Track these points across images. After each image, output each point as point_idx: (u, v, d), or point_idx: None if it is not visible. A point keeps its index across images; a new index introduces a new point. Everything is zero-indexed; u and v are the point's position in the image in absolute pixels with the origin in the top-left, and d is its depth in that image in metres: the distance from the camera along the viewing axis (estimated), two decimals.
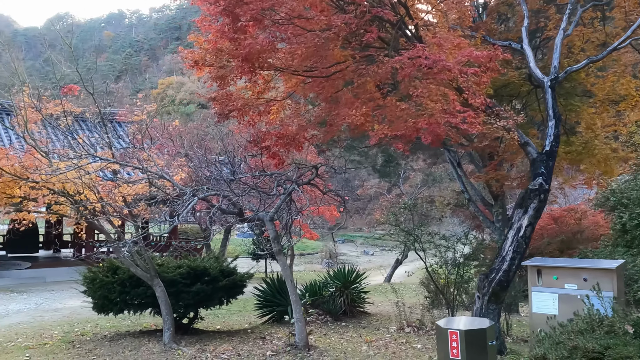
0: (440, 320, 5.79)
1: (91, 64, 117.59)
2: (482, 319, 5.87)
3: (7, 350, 8.24)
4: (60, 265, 22.65)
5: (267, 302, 10.66)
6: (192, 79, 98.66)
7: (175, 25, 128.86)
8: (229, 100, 7.42)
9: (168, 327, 7.58)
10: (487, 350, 5.31)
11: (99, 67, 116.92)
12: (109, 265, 8.88)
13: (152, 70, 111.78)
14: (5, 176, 7.11)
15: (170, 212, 7.89)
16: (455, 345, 5.29)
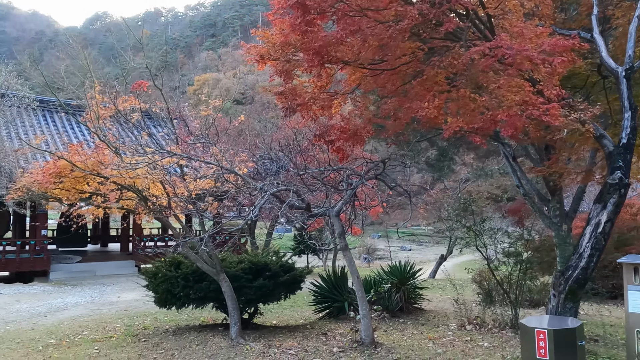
0: (524, 318, 5.61)
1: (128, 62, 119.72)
2: (569, 318, 5.66)
3: (76, 343, 8.39)
4: (108, 259, 23.15)
5: (324, 298, 10.60)
6: (227, 75, 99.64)
7: (210, 23, 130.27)
8: (295, 94, 7.35)
9: (235, 322, 7.58)
10: (577, 351, 5.11)
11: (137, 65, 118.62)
12: (171, 260, 8.95)
13: (187, 67, 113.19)
14: (77, 171, 7.21)
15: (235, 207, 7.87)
16: (543, 345, 5.11)
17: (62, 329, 9.69)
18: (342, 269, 10.92)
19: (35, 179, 7.00)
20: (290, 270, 9.12)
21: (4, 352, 7.84)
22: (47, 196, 7.79)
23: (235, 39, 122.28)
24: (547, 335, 5.07)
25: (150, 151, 6.53)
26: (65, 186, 7.30)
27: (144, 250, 22.18)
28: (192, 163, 7.34)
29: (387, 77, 7.42)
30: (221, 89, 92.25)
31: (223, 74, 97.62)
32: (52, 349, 7.96)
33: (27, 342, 8.53)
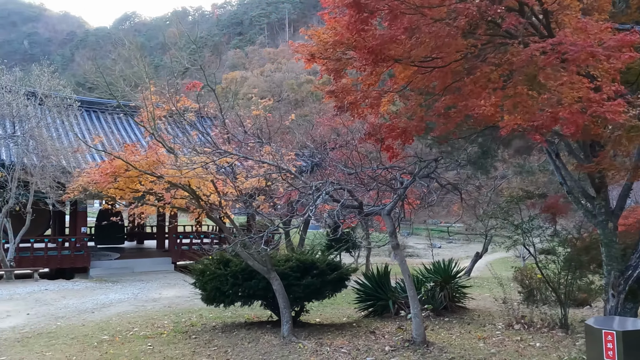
0: (589, 319, 5.52)
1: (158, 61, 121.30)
2: (637, 320, 5.55)
3: (128, 339, 8.55)
4: (145, 257, 23.53)
5: (368, 296, 10.60)
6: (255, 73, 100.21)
7: (237, 21, 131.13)
8: (346, 93, 7.34)
9: (287, 320, 7.63)
10: None
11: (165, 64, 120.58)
12: (220, 258, 9.04)
13: (215, 65, 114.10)
14: (131, 171, 7.34)
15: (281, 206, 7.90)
16: (611, 346, 5.02)
17: (112, 325, 9.89)
18: (385, 267, 10.89)
19: (93, 178, 7.14)
20: (337, 269, 9.15)
21: (61, 348, 8.04)
22: (102, 195, 7.94)
23: (262, 37, 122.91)
24: (615, 336, 4.98)
25: (207, 151, 6.60)
26: (120, 185, 7.43)
27: (180, 247, 22.52)
28: (244, 162, 7.39)
29: (438, 75, 7.36)
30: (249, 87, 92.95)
31: (250, 72, 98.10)
32: (107, 345, 8.13)
33: (81, 338, 8.73)
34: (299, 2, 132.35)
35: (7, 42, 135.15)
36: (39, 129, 16.47)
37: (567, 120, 5.80)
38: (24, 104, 16.15)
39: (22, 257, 18.46)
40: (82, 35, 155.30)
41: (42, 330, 9.65)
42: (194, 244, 23.18)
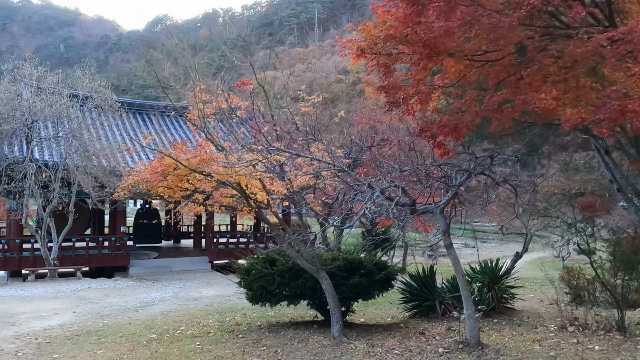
0: None
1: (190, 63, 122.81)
2: None
3: (176, 338, 8.56)
4: (182, 256, 23.74)
5: (413, 296, 10.40)
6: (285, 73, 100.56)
7: (267, 22, 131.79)
8: (397, 88, 7.18)
9: (337, 321, 7.51)
10: None
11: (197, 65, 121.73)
12: (265, 257, 8.97)
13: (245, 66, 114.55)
14: (180, 170, 7.32)
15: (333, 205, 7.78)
16: None
17: (158, 324, 9.93)
18: (430, 267, 10.68)
19: (144, 177, 7.15)
20: (384, 268, 8.99)
21: (111, 346, 8.08)
22: (151, 194, 7.96)
23: (292, 37, 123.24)
24: None
25: (258, 149, 6.52)
26: (169, 184, 7.42)
27: (217, 246, 22.65)
28: (293, 160, 7.30)
29: (491, 68, 7.14)
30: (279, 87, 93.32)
31: (280, 72, 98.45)
32: (156, 344, 8.14)
33: (130, 337, 8.77)
34: (328, 2, 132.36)
35: (44, 46, 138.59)
36: (81, 129, 16.72)
37: (636, 113, 5.52)
38: (67, 105, 16.43)
39: (64, 255, 18.81)
40: (115, 39, 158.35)
41: (89, 328, 9.75)
42: (231, 243, 23.33)
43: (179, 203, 9.13)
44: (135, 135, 22.35)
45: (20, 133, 16.64)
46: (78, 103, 17.36)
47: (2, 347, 8.11)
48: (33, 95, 16.37)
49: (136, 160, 20.35)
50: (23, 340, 8.64)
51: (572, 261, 28.05)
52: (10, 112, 16.27)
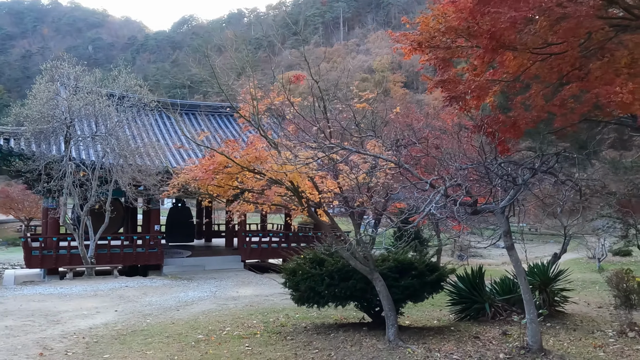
0: None
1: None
2: None
3: (224, 339, 8.42)
4: (215, 254, 23.74)
5: (462, 299, 10.10)
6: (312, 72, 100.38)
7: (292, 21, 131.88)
8: (458, 83, 6.91)
9: (392, 324, 7.27)
10: None
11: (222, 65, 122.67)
12: (313, 257, 8.78)
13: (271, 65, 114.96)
14: (231, 168, 7.16)
15: None
16: None
17: (202, 324, 9.81)
18: (479, 269, 10.37)
19: (196, 174, 7.01)
20: (436, 270, 8.72)
21: (159, 347, 7.97)
22: (200, 193, 7.83)
23: (317, 36, 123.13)
24: None
25: (315, 146, 6.32)
26: (219, 182, 7.27)
27: (250, 245, 22.58)
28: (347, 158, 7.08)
29: (555, 62, 6.83)
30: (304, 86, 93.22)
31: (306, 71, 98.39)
32: (205, 345, 8.01)
33: (176, 337, 8.66)
34: (353, 1, 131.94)
35: (74, 47, 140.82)
36: (120, 128, 16.77)
37: None
38: (105, 103, 16.49)
39: (99, 254, 18.90)
40: (142, 40, 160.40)
41: (134, 327, 9.68)
42: (263, 243, 23.24)
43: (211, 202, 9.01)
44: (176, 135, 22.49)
45: (59, 132, 16.77)
46: (115, 102, 17.41)
47: (51, 346, 8.07)
48: (71, 95, 16.47)
49: (178, 159, 20.42)
50: (71, 339, 8.60)
51: (607, 262, 27.32)
52: (49, 111, 16.40)
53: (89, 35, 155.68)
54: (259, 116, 6.91)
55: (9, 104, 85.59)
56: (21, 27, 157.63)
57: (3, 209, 44.92)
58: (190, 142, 19.33)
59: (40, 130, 16.65)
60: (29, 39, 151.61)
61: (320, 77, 7.90)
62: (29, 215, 43.87)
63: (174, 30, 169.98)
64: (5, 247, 41.58)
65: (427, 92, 7.84)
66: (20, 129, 17.32)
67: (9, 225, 49.56)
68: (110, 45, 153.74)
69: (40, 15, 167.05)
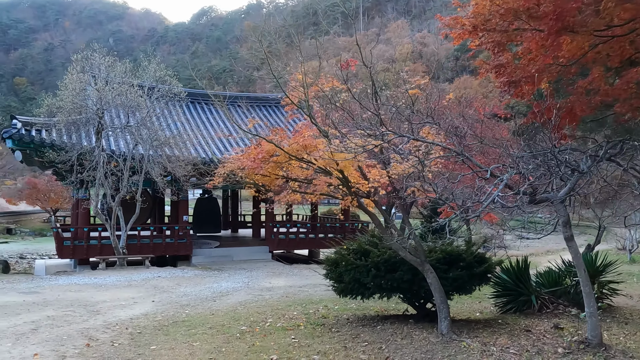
0: None
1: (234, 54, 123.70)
2: None
3: (268, 331, 8.30)
4: (242, 245, 23.73)
5: (507, 291, 9.85)
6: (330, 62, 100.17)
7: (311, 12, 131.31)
8: (516, 68, 6.66)
9: (445, 316, 7.07)
10: None
11: (242, 57, 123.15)
12: (357, 248, 8.59)
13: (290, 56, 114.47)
14: (278, 157, 7.00)
15: None
16: None
17: (242, 315, 9.72)
18: (525, 260, 10.09)
19: (244, 164, 6.86)
20: (484, 261, 8.49)
21: (204, 338, 7.88)
22: (245, 182, 7.68)
23: (337, 26, 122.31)
24: None
25: (368, 133, 6.11)
26: (265, 172, 7.12)
27: (277, 236, 22.50)
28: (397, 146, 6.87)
29: (617, 45, 6.53)
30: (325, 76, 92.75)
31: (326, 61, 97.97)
32: (250, 337, 7.90)
33: (219, 328, 8.57)
34: None
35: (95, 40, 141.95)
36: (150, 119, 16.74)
37: None
38: (137, 94, 16.46)
39: (129, 244, 18.96)
40: (162, 32, 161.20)
41: (174, 318, 9.62)
42: (291, 233, 23.16)
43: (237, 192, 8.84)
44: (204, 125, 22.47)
45: (91, 123, 16.79)
46: (145, 92, 17.38)
47: (96, 336, 8.03)
48: (103, 85, 16.46)
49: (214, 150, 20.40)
50: (114, 329, 8.56)
51: (637, 254, 26.75)
52: (80, 102, 16.42)
53: (109, 28, 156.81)
54: (309, 103, 6.72)
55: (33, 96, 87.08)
56: (43, 20, 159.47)
57: (30, 199, 45.61)
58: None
59: (72, 121, 16.69)
60: (51, 32, 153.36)
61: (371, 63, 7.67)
62: (55, 206, 44.48)
63: (193, 22, 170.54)
64: (32, 237, 42.18)
65: (479, 77, 7.55)
66: (51, 120, 17.39)
67: (36, 216, 50.29)
68: (130, 38, 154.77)
69: (62, 8, 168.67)
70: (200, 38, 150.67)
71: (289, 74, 7.82)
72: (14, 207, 50.17)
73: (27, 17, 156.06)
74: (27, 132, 17.01)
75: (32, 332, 8.34)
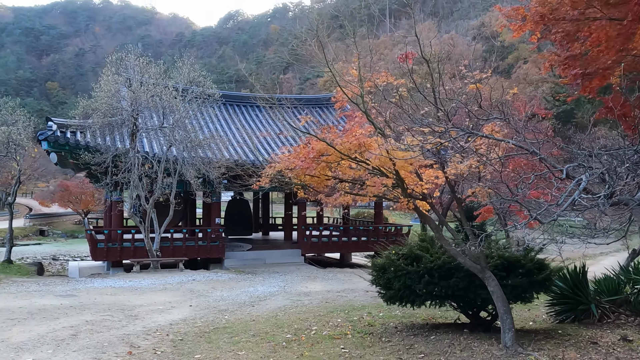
0: None
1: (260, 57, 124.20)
2: None
3: (314, 339, 7.92)
4: (275, 248, 23.41)
5: (563, 299, 9.29)
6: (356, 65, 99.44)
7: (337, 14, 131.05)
8: (591, 60, 6.16)
9: (509, 327, 6.58)
10: None
11: (268, 60, 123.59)
12: (407, 254, 8.15)
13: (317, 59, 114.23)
14: (329, 156, 6.63)
15: None
16: None
17: (285, 322, 9.36)
18: (583, 267, 9.51)
19: (295, 164, 6.50)
20: (544, 268, 7.97)
21: (249, 347, 7.54)
22: (293, 183, 7.33)
23: (363, 28, 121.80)
24: None
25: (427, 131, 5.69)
26: (316, 172, 6.75)
27: (310, 239, 22.14)
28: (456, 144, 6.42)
29: None
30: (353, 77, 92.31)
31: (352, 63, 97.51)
32: (297, 346, 7.53)
33: (263, 335, 8.23)
34: None
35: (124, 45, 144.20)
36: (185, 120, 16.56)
37: None
38: (172, 95, 16.30)
39: (162, 247, 18.80)
40: (189, 36, 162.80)
41: (214, 324, 9.33)
42: (323, 237, 22.79)
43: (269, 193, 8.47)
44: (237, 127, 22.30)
45: (126, 124, 16.69)
46: (179, 94, 17.22)
47: (137, 343, 7.76)
48: (137, 87, 16.34)
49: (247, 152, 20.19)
50: (155, 336, 8.28)
51: None
52: (115, 104, 16.33)
53: (138, 33, 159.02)
54: (364, 100, 6.33)
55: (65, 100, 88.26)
56: (74, 26, 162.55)
57: (62, 202, 46.12)
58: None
59: (106, 123, 16.61)
60: (81, 38, 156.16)
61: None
62: (87, 208, 44.91)
63: (220, 26, 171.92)
64: (64, 239, 42.64)
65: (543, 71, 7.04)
66: (86, 122, 17.34)
67: (68, 218, 50.87)
68: (158, 42, 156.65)
69: (92, 14, 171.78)
70: (227, 42, 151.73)
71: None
72: (47, 209, 50.89)
73: (58, 23, 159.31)
74: (63, 134, 16.98)
75: (72, 337, 8.11)
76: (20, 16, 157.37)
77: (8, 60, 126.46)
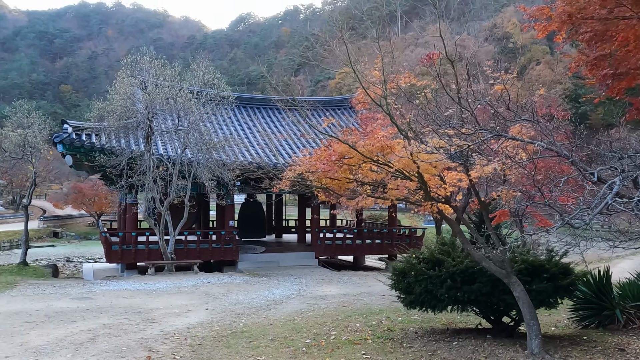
0: None
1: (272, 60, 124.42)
2: None
3: (335, 345, 7.81)
4: (288, 251, 23.32)
5: (587, 304, 9.09)
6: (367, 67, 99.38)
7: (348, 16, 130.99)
8: (621, 60, 6.01)
9: (536, 334, 6.43)
10: None
11: (279, 62, 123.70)
12: (429, 257, 8.02)
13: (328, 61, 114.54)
14: (351, 159, 6.52)
15: None
16: None
17: (303, 326, 9.26)
18: (607, 271, 9.32)
19: (317, 166, 6.41)
20: (569, 273, 7.80)
21: (268, 352, 7.45)
22: (313, 186, 7.23)
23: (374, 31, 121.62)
24: None
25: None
26: (337, 175, 6.65)
27: (324, 242, 22.04)
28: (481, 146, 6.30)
29: None
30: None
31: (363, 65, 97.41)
32: (317, 351, 7.42)
33: (282, 340, 8.12)
34: None
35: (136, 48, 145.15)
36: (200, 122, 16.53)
37: None
38: (186, 97, 16.29)
39: (176, 249, 18.78)
40: (201, 39, 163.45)
41: (231, 328, 9.24)
42: (337, 239, 22.67)
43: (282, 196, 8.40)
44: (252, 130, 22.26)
45: (142, 127, 16.70)
46: (194, 96, 17.21)
47: (156, 348, 7.69)
48: (152, 89, 16.35)
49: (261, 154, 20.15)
50: (173, 340, 8.21)
51: None
52: (130, 106, 16.34)
53: (150, 36, 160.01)
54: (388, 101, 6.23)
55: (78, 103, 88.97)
56: (87, 30, 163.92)
57: (75, 204, 46.43)
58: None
59: (122, 125, 16.63)
60: (94, 41, 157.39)
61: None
62: (100, 210, 45.16)
63: (231, 29, 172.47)
64: (78, 241, 42.86)
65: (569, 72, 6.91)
66: (101, 124, 17.38)
67: (81, 220, 51.17)
68: (170, 45, 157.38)
69: (105, 17, 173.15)
70: (238, 44, 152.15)
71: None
72: (60, 211, 51.23)
73: (72, 27, 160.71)
74: (78, 137, 17.03)
75: (90, 341, 8.06)
76: (34, 20, 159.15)
77: (22, 64, 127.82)
